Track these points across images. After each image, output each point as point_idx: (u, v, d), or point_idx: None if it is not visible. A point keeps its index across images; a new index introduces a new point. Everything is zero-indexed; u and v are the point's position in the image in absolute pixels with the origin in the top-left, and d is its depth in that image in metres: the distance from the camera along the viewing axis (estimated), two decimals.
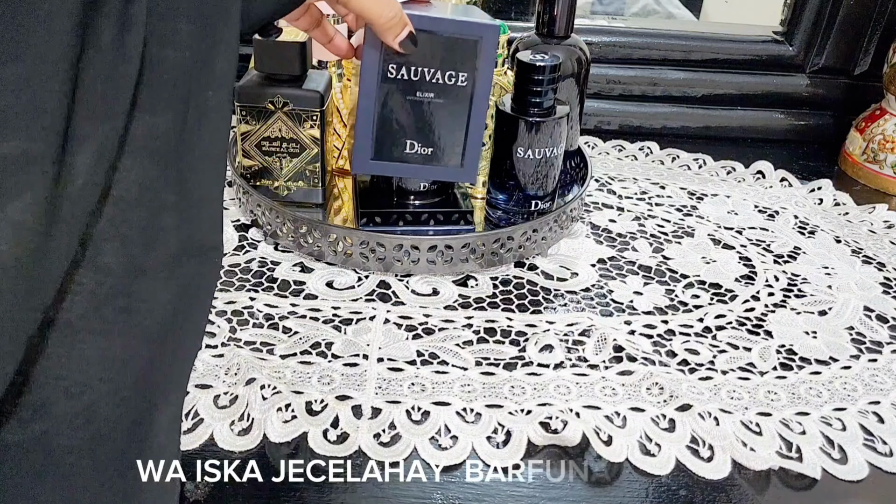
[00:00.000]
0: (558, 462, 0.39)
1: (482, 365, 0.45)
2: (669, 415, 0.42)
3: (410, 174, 0.53)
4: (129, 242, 0.22)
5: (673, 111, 0.80)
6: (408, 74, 0.47)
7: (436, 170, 0.52)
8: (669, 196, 0.67)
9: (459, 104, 0.49)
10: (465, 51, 0.47)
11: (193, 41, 0.23)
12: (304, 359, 0.44)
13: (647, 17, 1.25)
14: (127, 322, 0.22)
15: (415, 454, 0.38)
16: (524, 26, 0.74)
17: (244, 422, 0.39)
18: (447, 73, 0.48)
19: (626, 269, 0.56)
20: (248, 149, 0.55)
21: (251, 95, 0.53)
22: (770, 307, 0.53)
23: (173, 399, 0.26)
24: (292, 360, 0.44)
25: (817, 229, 0.64)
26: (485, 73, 0.48)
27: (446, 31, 0.46)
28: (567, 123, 0.53)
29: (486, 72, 0.48)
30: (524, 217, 0.55)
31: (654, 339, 0.48)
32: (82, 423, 0.22)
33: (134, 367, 0.23)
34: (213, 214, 0.26)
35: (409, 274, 0.52)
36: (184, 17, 0.22)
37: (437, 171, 0.52)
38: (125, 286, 0.22)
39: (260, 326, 0.47)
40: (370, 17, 0.41)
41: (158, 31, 0.22)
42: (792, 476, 0.39)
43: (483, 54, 0.48)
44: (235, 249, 0.55)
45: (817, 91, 0.80)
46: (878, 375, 0.46)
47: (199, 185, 0.24)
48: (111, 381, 0.22)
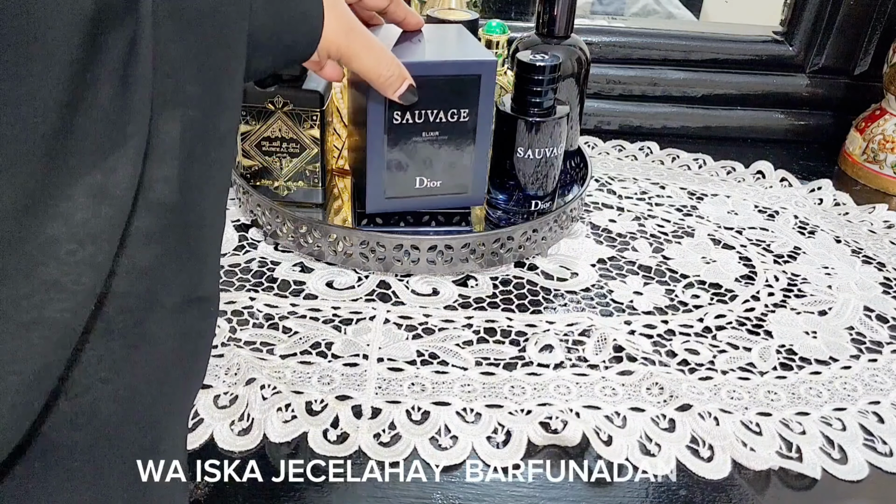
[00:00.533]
0: (558, 462, 0.39)
1: (482, 365, 0.45)
2: (669, 415, 0.42)
3: (422, 207, 0.54)
4: (130, 296, 0.23)
5: (673, 111, 0.80)
6: (412, 118, 0.49)
7: (445, 199, 0.53)
8: (669, 196, 0.67)
9: (464, 137, 0.51)
10: (466, 88, 0.49)
11: (199, 102, 0.24)
12: (304, 359, 0.44)
13: (647, 17, 1.25)
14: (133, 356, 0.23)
15: (415, 454, 0.38)
16: (524, 26, 0.74)
17: (244, 422, 0.39)
18: (450, 112, 0.49)
19: (626, 269, 0.56)
20: (248, 149, 0.55)
21: (251, 95, 0.53)
22: (770, 307, 0.53)
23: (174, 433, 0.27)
24: (292, 360, 0.44)
25: (817, 229, 0.64)
26: (486, 105, 0.50)
27: (446, 72, 0.48)
28: (567, 123, 0.53)
29: (487, 104, 0.50)
30: (524, 217, 0.55)
31: (654, 339, 0.48)
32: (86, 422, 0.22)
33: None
34: (213, 266, 0.27)
35: (409, 274, 0.52)
36: (190, 78, 0.23)
37: (446, 200, 0.54)
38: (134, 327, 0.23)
39: (260, 326, 0.47)
40: (369, 76, 0.42)
41: (164, 91, 0.22)
42: (792, 476, 0.39)
43: (483, 88, 0.49)
44: (235, 249, 0.55)
45: (817, 91, 0.80)
46: (878, 375, 0.46)
47: (203, 238, 0.25)
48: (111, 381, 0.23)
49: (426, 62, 0.47)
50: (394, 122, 0.49)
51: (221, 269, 0.52)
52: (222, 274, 0.51)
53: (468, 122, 0.50)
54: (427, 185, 0.52)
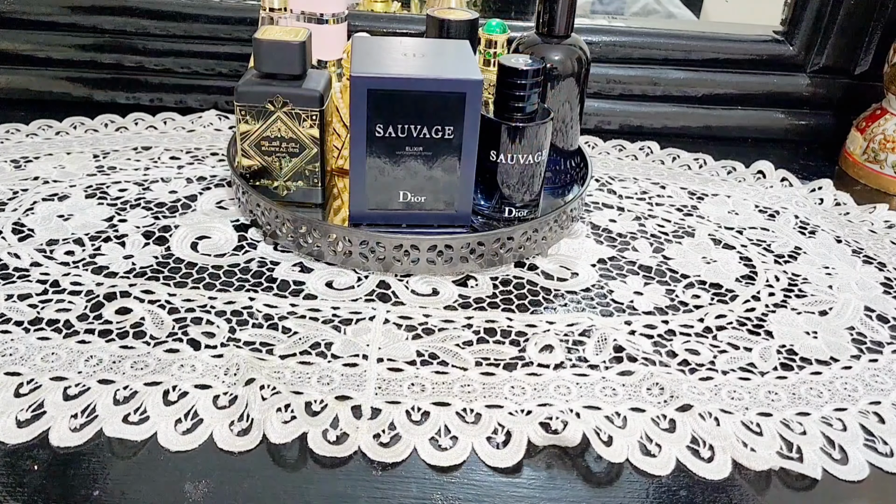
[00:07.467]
0: (558, 462, 0.39)
1: (482, 365, 0.45)
2: (670, 415, 0.42)
3: (407, 221, 0.54)
4: None
5: (673, 111, 0.80)
6: (395, 132, 0.49)
7: (431, 215, 0.53)
8: (670, 196, 0.67)
9: (448, 155, 0.51)
10: (451, 106, 0.49)
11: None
12: (303, 359, 0.44)
13: (648, 16, 1.25)
14: None
15: (415, 454, 0.38)
16: (524, 26, 0.74)
17: (244, 422, 0.39)
18: (434, 128, 0.50)
19: (627, 269, 0.56)
20: (248, 148, 0.55)
21: (251, 95, 0.53)
22: (771, 307, 0.53)
23: None
24: (292, 361, 0.44)
25: (818, 229, 0.64)
26: (471, 123, 0.50)
27: (429, 89, 0.48)
28: (550, 129, 0.53)
29: (473, 122, 0.50)
30: (505, 224, 0.55)
31: (654, 340, 0.48)
32: None
33: None
34: None
35: (409, 274, 0.52)
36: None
37: (432, 217, 0.54)
38: None
39: (259, 326, 0.47)
40: None
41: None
42: (792, 476, 0.39)
43: (469, 107, 0.49)
44: (235, 249, 0.54)
45: (818, 91, 0.80)
46: (878, 375, 0.46)
47: None
48: None
49: (410, 77, 0.48)
50: (376, 135, 0.49)
51: (221, 270, 0.52)
52: (222, 274, 0.51)
53: (453, 140, 0.50)
54: (411, 200, 0.52)
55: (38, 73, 0.77)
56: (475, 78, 0.49)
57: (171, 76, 0.77)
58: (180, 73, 0.77)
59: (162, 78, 0.77)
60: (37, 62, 0.77)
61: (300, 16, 0.62)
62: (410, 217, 0.53)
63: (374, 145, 0.50)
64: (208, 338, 0.45)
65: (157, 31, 0.76)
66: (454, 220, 0.54)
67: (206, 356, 0.43)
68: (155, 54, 0.76)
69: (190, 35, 0.76)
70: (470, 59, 0.52)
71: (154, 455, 0.37)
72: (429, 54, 0.52)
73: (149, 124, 0.74)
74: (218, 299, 0.49)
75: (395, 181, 0.52)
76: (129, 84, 0.77)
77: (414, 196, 0.52)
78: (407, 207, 0.53)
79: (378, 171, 0.51)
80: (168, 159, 0.67)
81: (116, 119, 0.74)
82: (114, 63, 0.77)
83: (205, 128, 0.74)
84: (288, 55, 0.53)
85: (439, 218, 0.54)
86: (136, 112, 0.75)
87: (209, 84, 0.78)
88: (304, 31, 0.55)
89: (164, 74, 0.77)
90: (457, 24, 0.59)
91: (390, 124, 0.49)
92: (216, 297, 0.49)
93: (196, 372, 0.42)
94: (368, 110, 0.48)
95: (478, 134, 0.51)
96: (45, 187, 0.61)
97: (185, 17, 0.75)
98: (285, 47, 0.53)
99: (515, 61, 0.51)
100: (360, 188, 0.52)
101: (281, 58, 0.53)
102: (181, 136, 0.72)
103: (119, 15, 0.75)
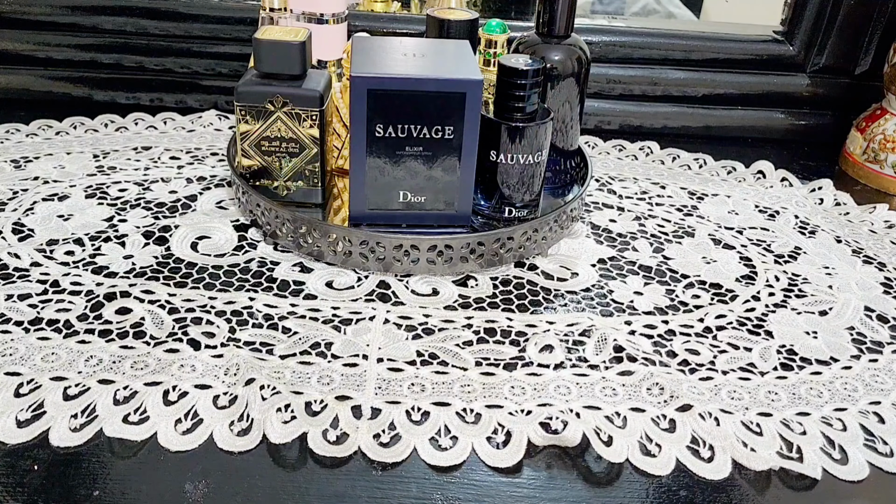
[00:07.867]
0: (558, 462, 0.39)
1: (482, 365, 0.45)
2: (670, 415, 0.42)
3: (407, 221, 0.54)
4: None
5: (673, 111, 0.80)
6: (395, 132, 0.49)
7: (431, 215, 0.54)
8: (670, 196, 0.67)
9: (448, 155, 0.51)
10: (451, 106, 0.49)
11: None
12: (303, 359, 0.44)
13: (648, 16, 1.25)
14: None
15: (415, 454, 0.38)
16: (524, 26, 0.74)
17: (244, 422, 0.39)
18: (434, 128, 0.50)
19: (627, 269, 0.56)
20: (248, 148, 0.55)
21: (251, 95, 0.53)
22: (771, 307, 0.53)
23: None
24: (292, 361, 0.44)
25: (818, 229, 0.64)
26: (471, 123, 0.50)
27: (429, 89, 0.48)
28: (550, 129, 0.53)
29: (473, 122, 0.50)
30: (505, 224, 0.55)
31: (654, 340, 0.48)
32: None
33: None
34: None
35: (409, 274, 0.52)
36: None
37: (432, 217, 0.54)
38: None
39: (259, 326, 0.47)
40: None
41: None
42: (792, 476, 0.39)
43: (469, 107, 0.49)
44: (235, 249, 0.54)
45: (818, 91, 0.80)
46: (878, 375, 0.46)
47: None
48: None
49: (410, 77, 0.48)
50: (376, 135, 0.49)
51: (221, 270, 0.52)
52: (222, 274, 0.51)
53: (453, 140, 0.50)
54: (411, 200, 0.52)
55: (38, 73, 0.77)
56: (475, 78, 0.49)
57: (171, 76, 0.77)
58: (180, 73, 0.77)
59: (162, 78, 0.77)
60: (37, 62, 0.77)
61: (300, 16, 0.62)
62: (410, 217, 0.54)
63: (374, 145, 0.50)
64: (208, 338, 0.45)
65: (157, 31, 0.76)
66: (454, 220, 0.54)
67: (206, 356, 0.43)
68: (155, 54, 0.76)
69: (190, 35, 0.76)
70: (470, 59, 0.52)
71: (154, 455, 0.37)
72: (429, 54, 0.52)
73: (149, 124, 0.74)
74: (218, 299, 0.49)
75: (395, 181, 0.52)
76: (129, 84, 0.77)
77: (414, 196, 0.52)
78: (407, 207, 0.53)
79: (378, 171, 0.51)
80: (168, 159, 0.67)
81: (116, 119, 0.74)
82: (114, 63, 0.77)
83: (205, 128, 0.74)
84: (288, 55, 0.53)
85: (439, 218, 0.54)
86: (136, 112, 0.75)
87: (209, 84, 0.78)
88: (304, 31, 0.55)
89: (164, 74, 0.77)
90: (457, 24, 0.60)
91: (390, 124, 0.49)
92: (216, 297, 0.49)
93: (196, 372, 0.42)
94: (368, 110, 0.49)
95: (478, 134, 0.51)
96: (45, 187, 0.61)
97: (185, 17, 0.75)
98: (285, 47, 0.53)
99: (515, 61, 0.52)
100: (360, 188, 0.52)
101: (281, 58, 0.53)
102: (181, 136, 0.72)
103: (119, 15, 0.75)
